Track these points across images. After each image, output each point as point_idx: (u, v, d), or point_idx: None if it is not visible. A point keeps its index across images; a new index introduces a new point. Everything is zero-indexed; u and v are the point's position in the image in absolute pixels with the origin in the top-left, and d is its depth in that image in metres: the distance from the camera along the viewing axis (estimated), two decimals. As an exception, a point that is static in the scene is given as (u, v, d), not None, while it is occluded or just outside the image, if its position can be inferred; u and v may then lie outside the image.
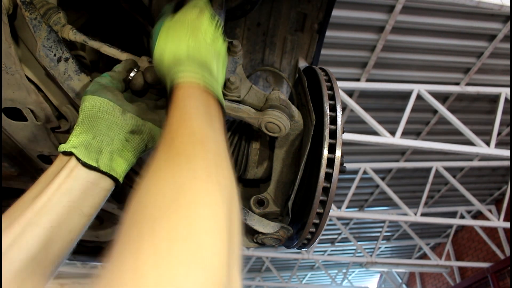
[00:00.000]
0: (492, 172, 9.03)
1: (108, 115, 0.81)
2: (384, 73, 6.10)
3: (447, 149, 5.82)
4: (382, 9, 5.06)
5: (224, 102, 0.81)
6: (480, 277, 10.05)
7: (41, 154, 1.19)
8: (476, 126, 7.00)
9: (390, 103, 6.66)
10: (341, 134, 1.07)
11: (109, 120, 0.81)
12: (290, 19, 1.87)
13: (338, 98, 1.12)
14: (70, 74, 0.95)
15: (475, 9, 5.06)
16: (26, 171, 1.32)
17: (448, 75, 6.24)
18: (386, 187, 8.23)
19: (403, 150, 7.96)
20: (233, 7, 1.67)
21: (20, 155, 1.22)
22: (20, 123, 1.06)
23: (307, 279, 15.16)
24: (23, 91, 0.96)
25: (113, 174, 0.80)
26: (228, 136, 1.28)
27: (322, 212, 1.07)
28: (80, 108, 0.82)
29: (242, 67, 1.27)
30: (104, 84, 0.85)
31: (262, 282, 13.02)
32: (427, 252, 10.29)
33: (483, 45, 5.76)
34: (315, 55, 1.97)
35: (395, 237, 12.23)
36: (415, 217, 8.10)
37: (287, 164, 1.22)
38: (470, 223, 9.35)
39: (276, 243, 1.17)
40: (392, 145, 5.70)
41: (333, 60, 5.77)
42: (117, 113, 0.82)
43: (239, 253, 0.53)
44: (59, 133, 1.13)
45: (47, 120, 1.05)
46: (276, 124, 1.08)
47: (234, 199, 0.57)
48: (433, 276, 13.18)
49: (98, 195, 0.79)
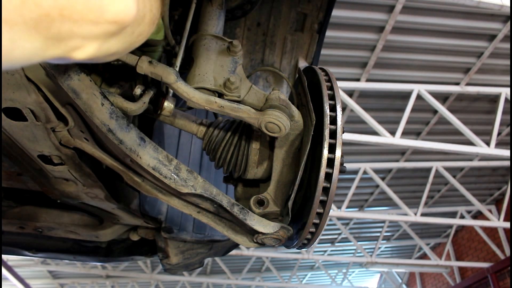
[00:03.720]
0: (492, 172, 9.03)
1: None
2: (384, 73, 6.10)
3: (447, 149, 5.82)
4: (382, 9, 5.06)
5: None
6: (480, 277, 10.04)
7: (41, 154, 1.19)
8: (476, 126, 7.00)
9: (390, 103, 6.66)
10: (341, 134, 1.07)
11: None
12: (290, 19, 1.87)
13: (338, 98, 1.12)
14: (70, 74, 0.95)
15: (475, 9, 5.06)
16: (26, 171, 1.32)
17: (448, 75, 6.24)
18: (386, 187, 8.22)
19: (403, 150, 7.95)
20: (233, 7, 1.67)
21: (20, 155, 1.22)
22: (20, 123, 1.06)
23: (307, 279, 15.16)
24: (23, 91, 0.96)
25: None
26: (228, 136, 1.28)
27: (322, 212, 1.07)
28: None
29: (242, 67, 1.27)
30: None
31: (262, 282, 13.01)
32: (427, 252, 10.28)
33: (483, 45, 5.76)
34: (315, 55, 1.97)
35: (395, 237, 12.22)
36: (415, 217, 8.09)
37: (287, 164, 1.22)
38: (470, 223, 9.35)
39: (276, 243, 1.17)
40: (392, 145, 5.70)
41: (333, 60, 5.77)
42: None
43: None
44: (59, 133, 1.13)
45: (47, 120, 1.05)
46: (276, 124, 1.08)
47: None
48: (433, 276, 13.18)
49: None
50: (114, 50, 0.57)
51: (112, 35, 0.53)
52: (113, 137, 1.01)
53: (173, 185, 1.08)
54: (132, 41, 0.60)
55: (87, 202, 1.55)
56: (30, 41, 0.44)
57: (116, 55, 0.61)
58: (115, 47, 0.57)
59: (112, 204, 1.56)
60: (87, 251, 2.38)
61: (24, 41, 0.43)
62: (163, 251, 2.04)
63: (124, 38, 0.57)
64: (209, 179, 2.19)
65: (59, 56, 0.50)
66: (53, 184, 1.39)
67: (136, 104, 1.10)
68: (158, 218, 1.88)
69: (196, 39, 1.32)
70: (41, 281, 12.73)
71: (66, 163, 1.24)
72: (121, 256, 2.38)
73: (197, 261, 2.24)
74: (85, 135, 1.12)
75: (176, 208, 1.21)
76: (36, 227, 1.89)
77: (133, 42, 0.61)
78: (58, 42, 0.47)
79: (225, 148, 1.27)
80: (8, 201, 1.87)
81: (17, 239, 2.22)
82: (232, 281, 12.40)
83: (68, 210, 1.89)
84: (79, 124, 1.08)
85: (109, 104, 1.01)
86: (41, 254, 2.34)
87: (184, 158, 2.14)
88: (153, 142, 1.09)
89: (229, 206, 1.12)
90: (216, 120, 1.35)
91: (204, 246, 2.15)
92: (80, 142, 1.15)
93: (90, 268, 11.31)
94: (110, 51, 0.57)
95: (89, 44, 0.51)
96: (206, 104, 1.08)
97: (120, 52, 0.60)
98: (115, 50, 0.58)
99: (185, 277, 11.78)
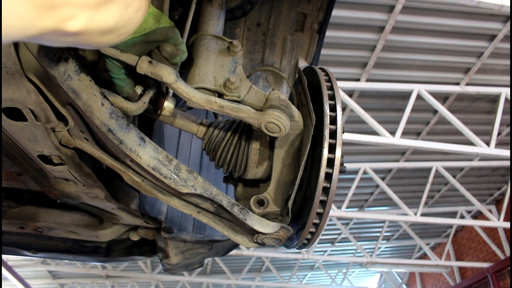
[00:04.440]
0: (492, 172, 9.03)
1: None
2: (384, 73, 6.10)
3: (447, 149, 5.82)
4: (382, 9, 5.06)
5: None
6: (480, 277, 10.04)
7: (41, 154, 1.19)
8: (476, 126, 7.00)
9: (390, 103, 6.66)
10: (341, 134, 1.07)
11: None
12: (290, 19, 1.87)
13: (338, 98, 1.12)
14: (70, 74, 0.95)
15: (475, 9, 5.06)
16: (26, 171, 1.32)
17: (448, 75, 6.24)
18: (386, 187, 8.22)
19: (403, 150, 7.96)
20: (233, 7, 1.67)
21: (20, 155, 1.22)
22: (20, 123, 1.06)
23: (307, 279, 15.16)
24: (23, 91, 0.96)
25: None
26: (228, 136, 1.28)
27: (322, 212, 1.07)
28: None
29: (242, 67, 1.27)
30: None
31: (262, 282, 13.02)
32: (427, 252, 10.28)
33: (483, 45, 5.76)
34: (315, 55, 1.97)
35: (395, 237, 12.23)
36: (415, 217, 8.10)
37: (287, 164, 1.22)
38: (470, 223, 9.35)
39: (276, 243, 1.17)
40: (392, 145, 5.70)
41: (333, 60, 5.77)
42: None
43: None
44: (59, 133, 1.13)
45: (47, 120, 1.05)
46: (276, 124, 1.08)
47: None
48: (433, 276, 13.18)
49: None
50: (110, 23, 0.56)
51: (104, 3, 0.53)
52: (113, 137, 1.01)
53: (173, 185, 1.08)
54: (129, 15, 0.59)
55: (87, 202, 1.55)
56: (23, 8, 0.44)
57: (112, 35, 0.59)
58: (110, 20, 0.55)
59: (112, 204, 1.56)
60: (87, 251, 2.38)
61: (17, 8, 0.44)
62: (163, 251, 2.04)
63: (118, 9, 0.56)
64: (209, 179, 2.19)
65: (52, 28, 0.49)
66: (53, 184, 1.39)
67: (136, 104, 1.10)
68: (158, 218, 1.88)
69: (196, 39, 1.32)
70: (41, 281, 12.73)
71: (66, 163, 1.24)
72: (121, 256, 2.38)
73: (197, 261, 2.24)
74: (85, 135, 1.12)
75: (176, 208, 1.21)
76: (36, 227, 1.89)
77: (130, 18, 0.59)
78: (50, 10, 0.47)
79: (225, 148, 1.27)
80: (8, 201, 1.87)
81: (17, 239, 2.22)
82: (232, 281, 12.40)
83: (68, 210, 1.89)
84: (79, 124, 1.08)
85: (109, 104, 1.01)
86: (41, 254, 2.34)
87: (184, 158, 2.14)
88: (153, 142, 1.09)
89: (229, 206, 1.12)
90: (216, 120, 1.35)
91: (204, 246, 2.15)
92: (80, 142, 1.15)
93: (90, 268, 11.31)
94: (105, 25, 0.55)
95: (81, 13, 0.51)
96: (206, 104, 1.08)
97: (117, 28, 0.58)
98: (111, 25, 0.56)
99: (185, 277, 11.78)
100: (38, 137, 1.11)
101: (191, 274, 12.00)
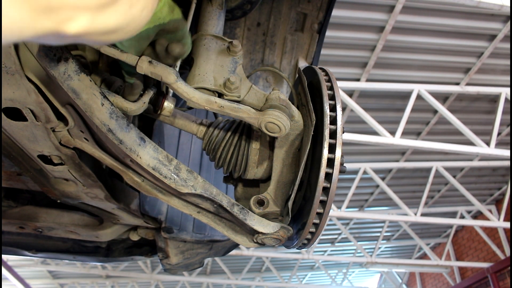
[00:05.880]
0: (492, 172, 9.03)
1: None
2: (384, 73, 6.10)
3: (447, 149, 5.82)
4: (382, 9, 5.06)
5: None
6: (480, 277, 10.04)
7: (41, 154, 1.19)
8: (476, 126, 7.00)
9: (390, 103, 6.66)
10: (341, 134, 1.07)
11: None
12: (290, 19, 1.87)
13: (338, 98, 1.12)
14: (70, 74, 0.95)
15: (475, 9, 5.06)
16: (26, 171, 1.31)
17: (448, 75, 6.24)
18: (386, 187, 8.22)
19: (403, 150, 7.96)
20: (233, 7, 1.67)
21: (20, 155, 1.22)
22: (20, 123, 1.06)
23: (307, 279, 15.16)
24: (23, 91, 0.96)
25: None
26: (228, 136, 1.28)
27: (322, 212, 1.07)
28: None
29: (242, 67, 1.27)
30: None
31: (262, 282, 13.02)
32: (427, 252, 10.28)
33: (483, 45, 5.76)
34: (315, 55, 1.97)
35: (395, 237, 12.23)
36: (415, 217, 8.10)
37: (287, 164, 1.22)
38: (470, 223, 9.35)
39: (276, 243, 1.17)
40: (392, 145, 5.70)
41: (333, 60, 5.77)
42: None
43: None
44: (59, 133, 1.13)
45: (47, 120, 1.05)
46: (276, 124, 1.08)
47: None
48: (433, 276, 13.18)
49: None
50: (112, 25, 0.53)
51: (105, 5, 0.50)
52: (113, 137, 1.01)
53: (173, 185, 1.08)
54: (133, 15, 0.55)
55: (87, 202, 1.55)
56: (18, 10, 0.43)
57: (116, 34, 0.56)
58: (112, 21, 0.52)
59: (112, 204, 1.56)
60: (87, 251, 2.38)
61: (12, 10, 0.42)
62: (163, 251, 2.04)
63: (121, 10, 0.53)
64: (209, 179, 2.19)
65: (51, 30, 0.47)
66: (53, 184, 1.38)
67: (136, 104, 1.10)
68: (158, 218, 1.88)
69: (196, 39, 1.32)
70: (41, 281, 12.74)
71: (66, 163, 1.24)
72: (121, 256, 2.38)
73: (197, 261, 2.24)
74: (85, 135, 1.12)
75: (176, 208, 1.21)
76: (36, 227, 1.89)
77: (135, 17, 0.56)
78: (47, 12, 0.45)
79: (225, 148, 1.27)
80: (8, 201, 1.87)
81: (17, 239, 2.22)
82: (232, 281, 12.40)
83: (68, 210, 1.89)
84: (79, 124, 1.08)
85: (109, 104, 1.01)
86: (41, 254, 2.34)
87: (184, 158, 2.14)
88: (153, 142, 1.09)
89: (229, 206, 1.12)
90: (216, 120, 1.35)
91: (204, 246, 2.15)
92: (80, 142, 1.15)
93: (90, 268, 11.31)
94: (106, 26, 0.52)
95: (81, 15, 0.48)
96: (206, 104, 1.08)
97: (120, 28, 0.55)
98: (113, 26, 0.53)
99: (185, 277, 11.78)
100: (38, 137, 1.11)
101: (191, 274, 12.00)
